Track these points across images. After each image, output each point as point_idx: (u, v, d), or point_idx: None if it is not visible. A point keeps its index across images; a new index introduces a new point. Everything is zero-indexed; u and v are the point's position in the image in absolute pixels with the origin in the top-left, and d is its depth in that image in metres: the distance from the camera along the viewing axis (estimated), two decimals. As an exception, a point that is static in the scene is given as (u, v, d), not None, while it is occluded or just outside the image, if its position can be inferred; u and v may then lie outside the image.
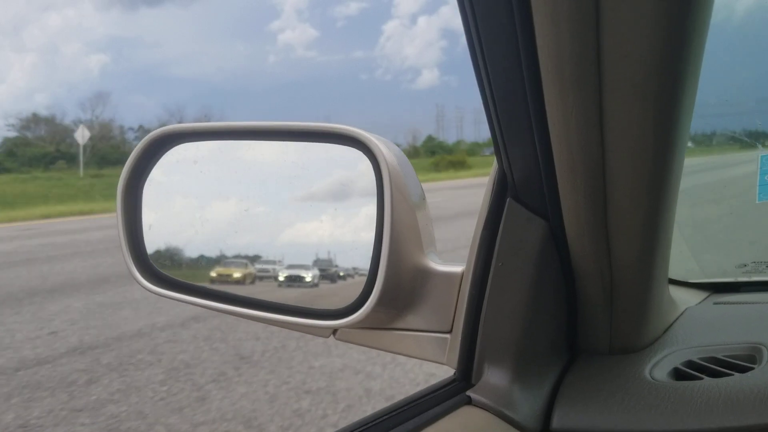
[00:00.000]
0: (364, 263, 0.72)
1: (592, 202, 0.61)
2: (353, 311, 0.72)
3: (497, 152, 0.66)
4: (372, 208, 0.71)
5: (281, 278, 0.77)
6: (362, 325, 0.73)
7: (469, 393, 0.69)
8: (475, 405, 0.68)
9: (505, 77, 0.57)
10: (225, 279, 0.79)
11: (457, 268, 0.74)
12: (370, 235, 0.71)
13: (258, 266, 0.79)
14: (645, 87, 0.49)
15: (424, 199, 0.77)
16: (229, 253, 0.80)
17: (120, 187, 0.80)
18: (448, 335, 0.75)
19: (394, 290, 0.71)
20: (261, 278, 0.79)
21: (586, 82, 0.50)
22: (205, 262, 0.81)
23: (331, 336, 0.80)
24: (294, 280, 0.77)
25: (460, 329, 0.73)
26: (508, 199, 0.68)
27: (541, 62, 0.51)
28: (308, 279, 0.78)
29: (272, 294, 0.78)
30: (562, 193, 0.62)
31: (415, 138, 61.67)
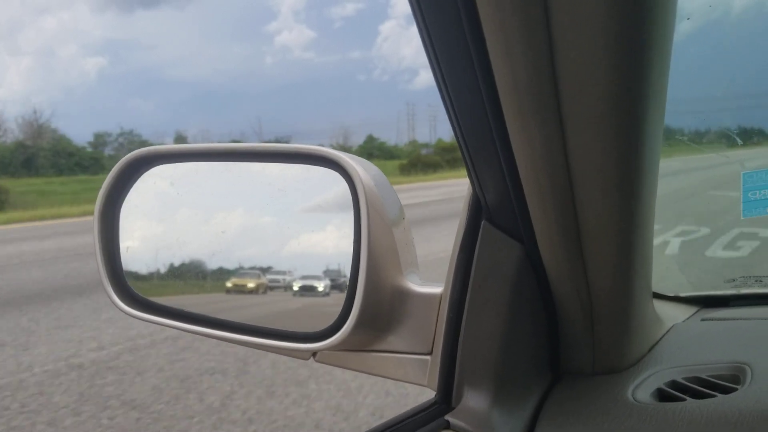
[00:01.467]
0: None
1: (563, 225, 0.60)
2: (332, 333, 0.71)
3: (469, 175, 0.65)
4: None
5: (296, 288, 0.76)
6: (342, 347, 0.72)
7: (448, 417, 0.68)
8: (453, 430, 0.67)
9: (469, 107, 0.57)
10: (240, 289, 0.79)
11: (437, 289, 0.73)
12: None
13: (270, 277, 0.78)
14: (605, 113, 0.49)
15: (403, 218, 0.76)
16: (207, 271, 0.80)
17: (97, 208, 0.79)
18: (428, 357, 0.74)
19: (373, 312, 0.70)
20: (273, 288, 0.78)
21: (545, 112, 0.49)
22: (182, 282, 0.80)
23: (311, 359, 0.79)
24: (308, 290, 0.76)
25: (439, 351, 0.72)
26: (482, 222, 0.68)
27: (500, 95, 0.51)
28: (321, 288, 0.76)
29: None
30: (534, 216, 0.61)
31: (346, 139, 57.75)
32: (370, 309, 0.69)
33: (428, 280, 0.76)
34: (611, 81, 0.46)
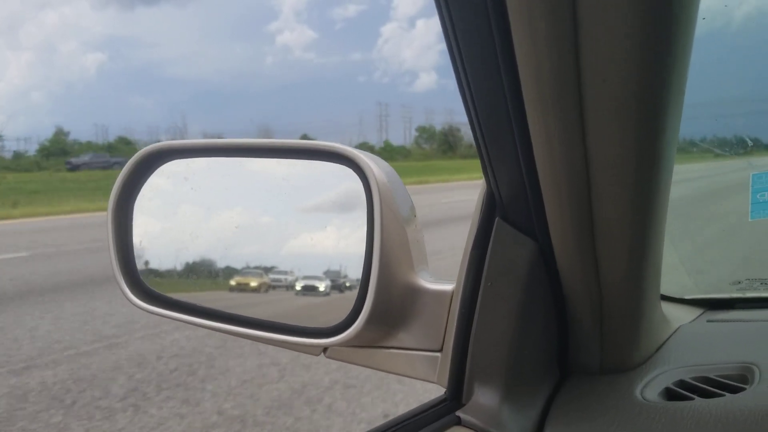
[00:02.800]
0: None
1: (578, 221, 0.61)
2: (343, 329, 0.71)
3: (484, 171, 0.66)
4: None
5: (298, 287, 0.77)
6: (353, 343, 0.73)
7: (458, 413, 0.69)
8: (464, 426, 0.68)
9: (489, 97, 0.57)
10: (243, 287, 0.79)
11: (448, 287, 0.74)
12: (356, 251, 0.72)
13: (272, 276, 0.79)
14: (627, 108, 0.49)
15: (414, 215, 0.76)
16: (219, 267, 0.80)
17: (111, 203, 0.80)
18: (438, 354, 0.75)
19: (385, 308, 0.71)
20: (274, 288, 0.79)
21: (566, 102, 0.50)
22: (195, 278, 0.81)
23: (322, 354, 0.80)
24: (310, 290, 0.77)
25: (450, 348, 0.72)
26: (496, 219, 0.68)
27: (522, 83, 0.51)
28: (322, 289, 0.77)
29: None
30: (549, 212, 0.62)
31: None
32: (381, 305, 0.69)
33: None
34: (635, 73, 0.47)
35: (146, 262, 0.82)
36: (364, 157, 0.71)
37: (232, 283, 0.80)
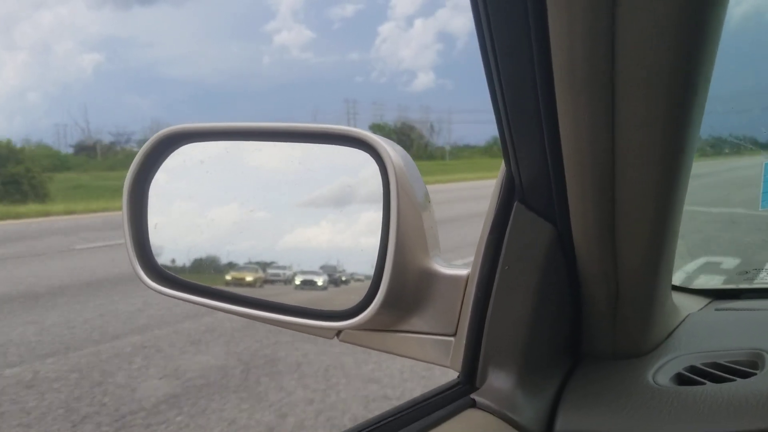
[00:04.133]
0: (363, 268, 0.73)
1: (600, 207, 0.61)
2: (358, 313, 0.72)
3: (505, 155, 0.66)
4: (371, 215, 0.72)
5: (297, 282, 0.78)
6: (367, 326, 0.73)
7: (473, 396, 0.70)
8: (479, 408, 0.68)
9: (517, 78, 0.57)
10: (239, 282, 0.80)
11: (463, 272, 0.74)
12: (370, 241, 0.72)
13: (270, 271, 0.79)
14: (657, 93, 0.50)
15: (429, 201, 0.77)
16: (234, 254, 0.81)
17: (126, 185, 0.80)
18: (452, 338, 0.75)
19: (399, 292, 0.71)
20: (272, 282, 0.80)
21: (598, 85, 0.50)
22: (210, 263, 0.82)
23: (335, 337, 0.81)
24: (308, 284, 0.78)
25: (464, 332, 0.73)
26: (515, 203, 0.68)
27: (554, 64, 0.51)
28: (320, 283, 0.78)
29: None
30: (571, 196, 0.62)
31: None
32: (396, 289, 0.70)
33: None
34: (668, 60, 0.47)
35: (160, 246, 0.83)
36: (382, 142, 0.71)
37: (228, 278, 0.81)
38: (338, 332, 0.80)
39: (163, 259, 0.82)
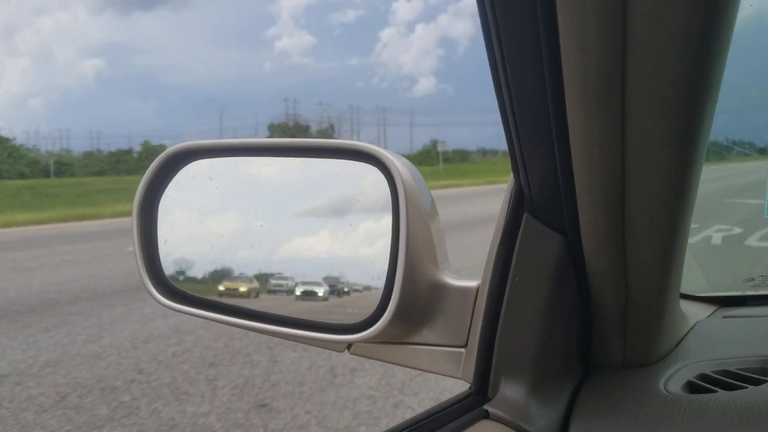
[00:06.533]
0: (369, 280, 0.74)
1: (610, 218, 0.61)
2: (369, 326, 0.72)
3: (514, 167, 0.67)
4: (375, 225, 0.73)
5: (298, 293, 0.78)
6: (377, 339, 0.73)
7: (486, 407, 0.70)
8: (492, 419, 0.69)
9: (528, 90, 0.57)
10: (232, 293, 0.81)
11: (472, 283, 0.75)
12: (372, 251, 0.73)
13: (273, 282, 0.80)
14: (669, 106, 0.50)
15: (437, 213, 0.77)
16: (243, 268, 0.81)
17: (136, 202, 0.80)
18: (463, 349, 0.76)
19: (410, 305, 0.71)
20: (275, 292, 0.80)
21: (610, 98, 0.50)
22: (221, 277, 0.82)
23: (346, 351, 0.81)
24: (309, 295, 0.79)
25: (475, 343, 0.73)
26: (525, 214, 0.69)
27: (565, 76, 0.52)
28: (321, 294, 0.79)
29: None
30: (581, 208, 0.63)
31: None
32: (407, 302, 0.70)
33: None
34: (680, 73, 0.48)
35: (170, 262, 0.83)
36: (389, 155, 0.72)
37: (221, 288, 0.81)
38: (349, 345, 0.80)
39: (174, 274, 0.83)
